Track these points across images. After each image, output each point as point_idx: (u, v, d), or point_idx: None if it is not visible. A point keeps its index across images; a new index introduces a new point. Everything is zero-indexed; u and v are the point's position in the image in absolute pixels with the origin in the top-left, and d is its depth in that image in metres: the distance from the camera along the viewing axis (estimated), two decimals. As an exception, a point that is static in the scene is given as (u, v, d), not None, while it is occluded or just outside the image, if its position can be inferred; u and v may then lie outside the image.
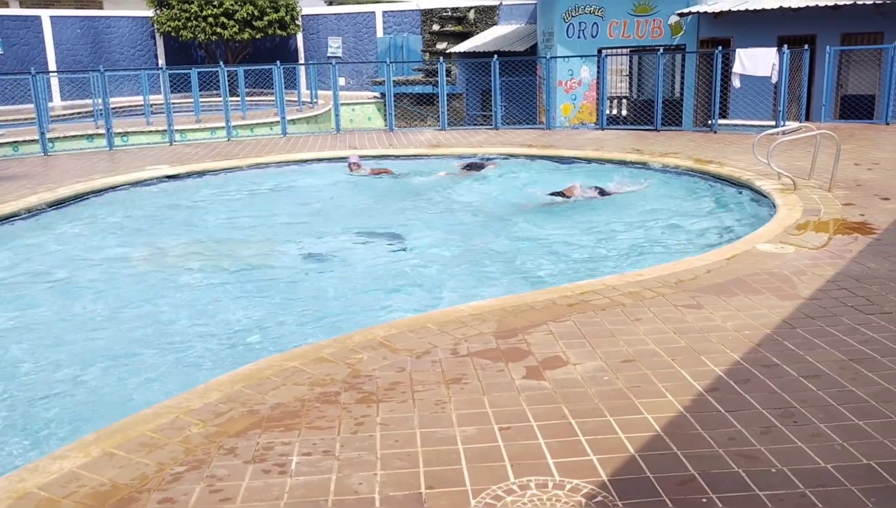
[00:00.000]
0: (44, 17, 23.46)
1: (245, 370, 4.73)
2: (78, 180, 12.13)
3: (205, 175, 13.26)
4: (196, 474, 3.52)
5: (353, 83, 25.11)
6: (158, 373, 5.64)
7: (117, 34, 24.89)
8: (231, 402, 4.25)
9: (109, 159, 14.59)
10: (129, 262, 8.63)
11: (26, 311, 7.04)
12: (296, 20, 24.89)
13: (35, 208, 10.49)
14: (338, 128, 18.24)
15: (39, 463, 3.66)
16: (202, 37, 23.57)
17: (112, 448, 3.76)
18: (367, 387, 4.40)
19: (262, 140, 16.89)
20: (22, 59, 22.70)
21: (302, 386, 4.43)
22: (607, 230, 9.61)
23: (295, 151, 15.14)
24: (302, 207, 11.30)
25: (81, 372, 5.65)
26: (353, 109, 22.71)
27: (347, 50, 25.71)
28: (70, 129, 16.96)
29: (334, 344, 5.07)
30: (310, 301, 7.22)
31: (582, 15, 18.28)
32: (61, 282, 7.90)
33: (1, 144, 15.37)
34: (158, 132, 16.81)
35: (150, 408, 4.21)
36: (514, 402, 4.14)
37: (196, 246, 9.24)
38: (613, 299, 5.77)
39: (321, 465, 3.56)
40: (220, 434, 3.89)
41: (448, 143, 15.86)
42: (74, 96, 23.09)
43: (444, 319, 5.47)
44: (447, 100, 18.21)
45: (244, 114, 18.43)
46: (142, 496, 3.35)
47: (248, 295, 7.37)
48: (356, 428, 3.91)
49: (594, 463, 3.49)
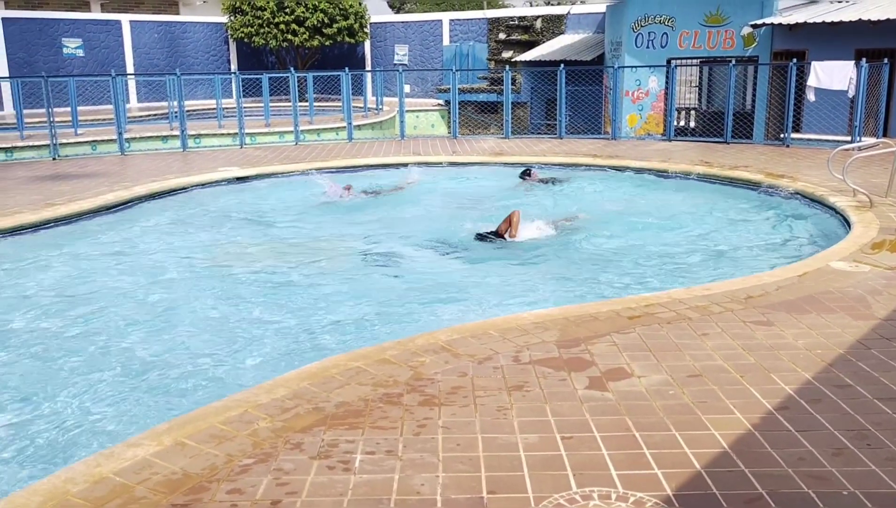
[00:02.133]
0: (124, 22, 24.35)
1: (310, 368, 4.82)
2: (153, 180, 12.54)
3: (273, 177, 13.54)
4: (263, 467, 3.61)
5: (418, 90, 25.33)
6: (226, 367, 5.78)
7: (192, 39, 25.65)
8: (297, 399, 4.34)
9: (183, 160, 15.04)
10: (199, 258, 8.87)
11: (102, 304, 7.31)
12: (364, 28, 25.26)
13: (113, 205, 10.88)
14: (402, 134, 18.41)
15: (115, 450, 3.80)
16: (273, 43, 24.12)
17: (183, 438, 3.88)
18: (430, 390, 4.43)
19: (329, 145, 17.18)
20: (102, 61, 23.60)
21: (365, 386, 4.50)
22: (673, 243, 9.47)
23: (360, 156, 15.35)
24: (366, 210, 11.43)
25: (151, 364, 5.84)
26: (418, 115, 22.89)
27: (413, 57, 25.95)
28: (146, 130, 17.54)
29: (397, 346, 5.13)
30: (373, 303, 7.30)
31: (651, 25, 18.07)
32: (135, 276, 8.18)
33: (80, 143, 15.98)
34: (229, 135, 17.25)
35: (220, 401, 4.33)
36: (576, 412, 4.12)
37: (262, 246, 9.45)
38: (679, 313, 5.69)
39: (384, 464, 3.61)
40: (286, 430, 3.98)
41: (511, 151, 15.85)
42: (150, 99, 23.88)
43: (506, 326, 5.47)
44: (511, 108, 18.21)
45: (311, 119, 18.77)
46: (211, 485, 3.45)
47: (313, 295, 7.49)
48: (418, 430, 3.95)
49: (659, 477, 3.45)
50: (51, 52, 22.71)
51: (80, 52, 23.34)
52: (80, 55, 23.31)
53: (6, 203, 10.57)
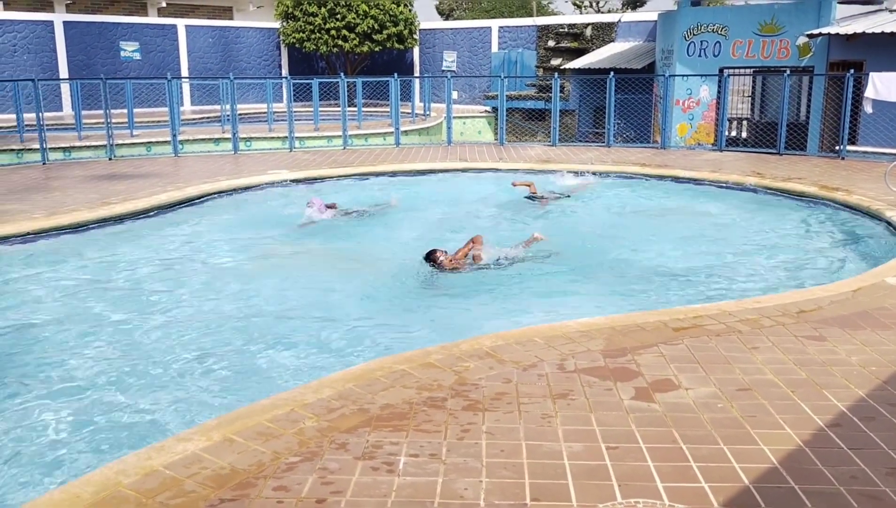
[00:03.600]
0: (179, 26, 24.93)
1: (356, 369, 4.87)
2: (205, 181, 12.79)
3: (321, 181, 13.71)
4: (309, 465, 3.65)
5: (465, 97, 25.38)
6: (272, 366, 5.86)
7: (245, 44, 26.13)
8: (342, 399, 4.38)
9: (234, 163, 15.32)
10: (248, 259, 9.01)
11: (153, 301, 7.48)
12: (413, 34, 25.44)
13: (166, 205, 11.14)
14: (449, 140, 18.48)
15: (165, 444, 3.89)
16: (324, 48, 24.43)
17: (232, 435, 3.95)
18: (474, 395, 4.44)
19: (376, 150, 17.32)
20: (158, 65, 24.18)
21: (410, 389, 4.52)
22: (722, 255, 9.32)
23: (407, 161, 15.44)
24: (412, 214, 11.49)
25: (200, 361, 5.95)
26: (465, 122, 22.95)
27: (462, 64, 26.03)
28: (198, 132, 17.90)
29: (441, 351, 5.15)
30: (415, 306, 7.34)
31: (704, 33, 17.84)
32: (186, 275, 8.35)
33: (135, 144, 16.39)
34: (279, 138, 17.51)
35: (268, 399, 4.39)
36: (622, 422, 4.08)
37: (309, 248, 9.56)
38: (729, 326, 5.59)
39: (428, 467, 3.62)
40: (331, 429, 4.02)
41: (558, 158, 15.78)
42: (204, 102, 24.39)
43: (551, 333, 5.45)
44: (559, 116, 18.14)
45: (360, 123, 18.95)
46: (258, 482, 3.51)
47: (356, 297, 7.55)
48: (462, 434, 3.95)
49: (706, 491, 3.40)
50: (109, 56, 23.35)
51: (137, 56, 23.95)
52: (137, 58, 23.92)
53: (65, 201, 10.89)
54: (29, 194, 11.52)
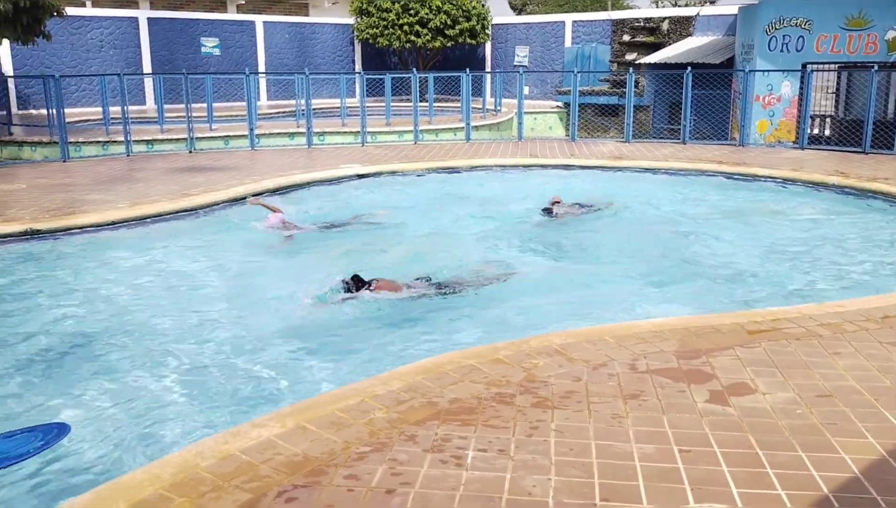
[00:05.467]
0: (258, 23, 25.48)
1: (425, 363, 4.91)
2: (280, 174, 13.06)
3: (392, 175, 13.84)
4: (379, 455, 3.70)
5: (537, 92, 25.18)
6: (343, 357, 5.95)
7: (320, 40, 26.54)
8: (412, 392, 4.42)
9: (308, 156, 15.60)
10: (320, 251, 9.15)
11: (232, 290, 7.68)
12: (486, 29, 25.38)
13: (243, 197, 11.42)
14: (520, 136, 18.38)
15: (241, 429, 4.00)
16: (397, 44, 24.62)
17: (305, 422, 4.04)
18: (543, 392, 4.42)
19: (447, 145, 17.37)
20: (236, 60, 24.78)
21: (479, 384, 4.53)
22: (801, 256, 9.01)
23: (478, 156, 15.44)
24: (483, 209, 11.47)
25: (274, 348, 6.09)
26: (536, 117, 22.79)
27: (534, 59, 25.84)
28: (274, 126, 18.29)
29: (510, 347, 5.14)
30: (484, 303, 7.33)
31: (787, 28, 17.24)
32: (266, 266, 8.54)
33: (214, 138, 16.86)
34: (352, 133, 17.74)
35: (339, 389, 4.48)
36: (695, 425, 3.99)
37: (381, 242, 9.66)
38: (809, 330, 5.41)
39: (496, 463, 3.62)
40: (401, 421, 4.06)
41: (631, 155, 15.52)
42: (279, 97, 24.88)
43: (623, 333, 5.37)
44: (633, 111, 17.82)
45: (431, 119, 19.03)
46: (329, 469, 3.58)
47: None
48: (531, 432, 3.94)
49: (783, 499, 3.30)
50: (190, 51, 24.05)
51: (217, 51, 24.60)
52: (217, 54, 24.56)
53: (148, 192, 11.29)
54: (114, 184, 11.99)
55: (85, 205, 10.26)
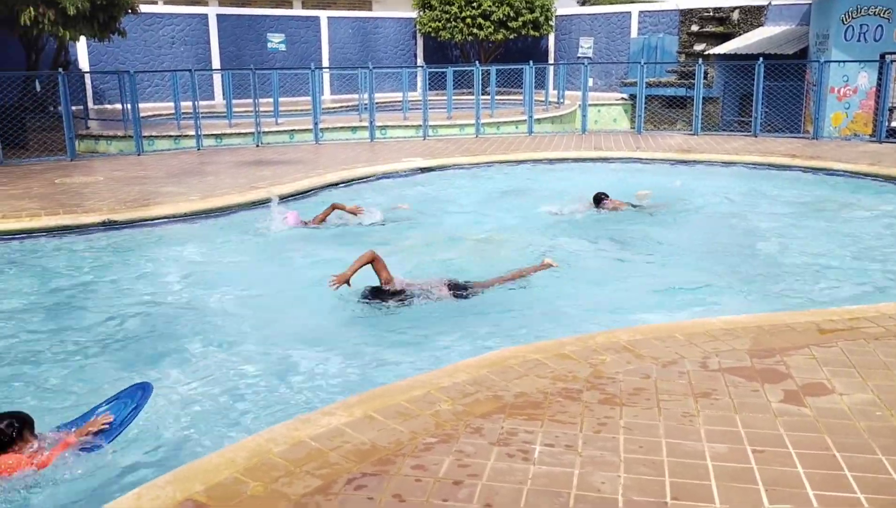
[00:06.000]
0: (322, 18, 25.80)
1: (490, 356, 4.91)
2: (343, 168, 13.22)
3: (453, 168, 13.86)
4: (445, 447, 3.72)
5: (601, 84, 24.85)
6: (409, 351, 5.99)
7: (383, 34, 26.72)
8: (477, 385, 4.43)
9: (370, 150, 15.74)
10: (385, 242, 9.21)
11: (299, 280, 7.81)
12: (550, 21, 25.14)
13: (308, 190, 11.63)
14: (584, 128, 18.18)
15: (311, 416, 4.07)
16: (459, 37, 24.60)
17: (372, 412, 4.09)
18: (610, 389, 4.37)
19: (508, 138, 17.29)
20: (301, 56, 25.15)
21: (544, 379, 4.51)
22: (877, 252, 8.68)
23: (540, 149, 15.33)
24: (542, 202, 11.37)
25: (340, 338, 6.17)
26: (599, 109, 22.48)
27: (598, 50, 25.50)
28: (337, 120, 18.50)
29: (577, 342, 5.10)
30: (548, 297, 7.28)
31: (864, 17, 16.59)
32: (331, 257, 8.64)
33: (279, 132, 17.16)
34: (413, 127, 17.82)
35: (405, 380, 4.51)
36: (769, 425, 3.90)
37: (442, 236, 9.68)
38: (888, 329, 5.21)
39: (563, 458, 3.60)
40: (466, 414, 4.07)
41: (700, 148, 15.19)
42: (342, 91, 25.16)
43: (693, 330, 5.27)
44: (701, 103, 17.43)
45: (492, 112, 18.96)
46: (397, 459, 3.61)
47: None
48: (599, 428, 3.90)
49: (862, 502, 3.20)
50: (257, 47, 24.51)
51: (283, 47, 25.01)
52: (283, 49, 24.98)
53: (217, 185, 11.58)
54: (186, 177, 12.32)
55: (159, 197, 10.58)
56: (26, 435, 4.20)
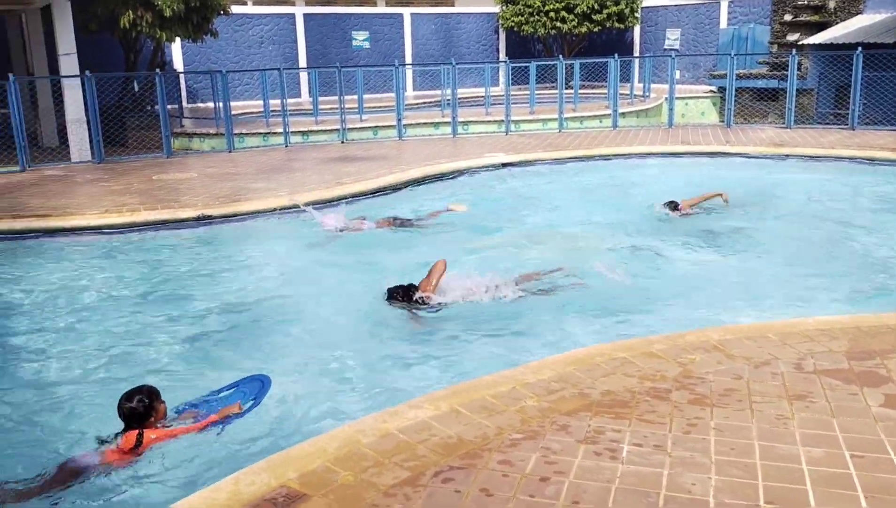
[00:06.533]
0: (405, 15, 26.06)
1: (575, 353, 4.89)
2: (426, 163, 13.34)
3: (536, 164, 13.79)
4: (532, 443, 3.73)
5: (688, 76, 24.20)
6: (490, 344, 6.02)
7: (465, 30, 26.78)
8: (562, 382, 4.42)
9: (453, 145, 15.82)
10: (470, 237, 9.26)
11: (384, 273, 7.94)
12: (635, 12, 24.66)
13: (392, 185, 11.78)
14: (670, 122, 17.77)
15: (398, 409, 4.15)
16: (542, 31, 24.41)
17: (458, 406, 4.13)
18: (700, 389, 4.28)
19: (592, 133, 17.07)
20: (385, 53, 25.47)
21: (632, 378, 4.46)
22: None
23: (625, 144, 15.08)
24: (631, 199, 11.21)
25: (428, 330, 6.25)
26: (686, 103, 21.90)
27: (686, 42, 24.84)
28: (419, 116, 18.65)
29: (665, 341, 5.01)
30: (632, 294, 7.18)
31: (975, -1, 15.61)
32: (419, 251, 8.75)
33: (363, 129, 17.44)
34: (495, 122, 17.80)
35: (490, 376, 4.54)
36: (869, 430, 3.75)
37: (528, 231, 9.67)
38: None
39: (652, 458, 3.56)
40: (552, 411, 4.07)
41: (793, 142, 14.63)
42: (424, 87, 25.34)
43: (787, 330, 5.10)
44: (795, 95, 16.77)
45: (575, 106, 18.74)
46: (484, 454, 3.65)
47: (570, 285, 7.52)
48: (688, 429, 3.84)
49: (974, 516, 3.04)
50: (342, 45, 24.96)
51: (367, 44, 25.39)
52: (367, 47, 25.36)
53: (304, 181, 11.87)
54: (274, 173, 12.68)
55: (250, 193, 10.93)
56: (157, 405, 4.47)
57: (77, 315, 6.93)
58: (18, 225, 9.41)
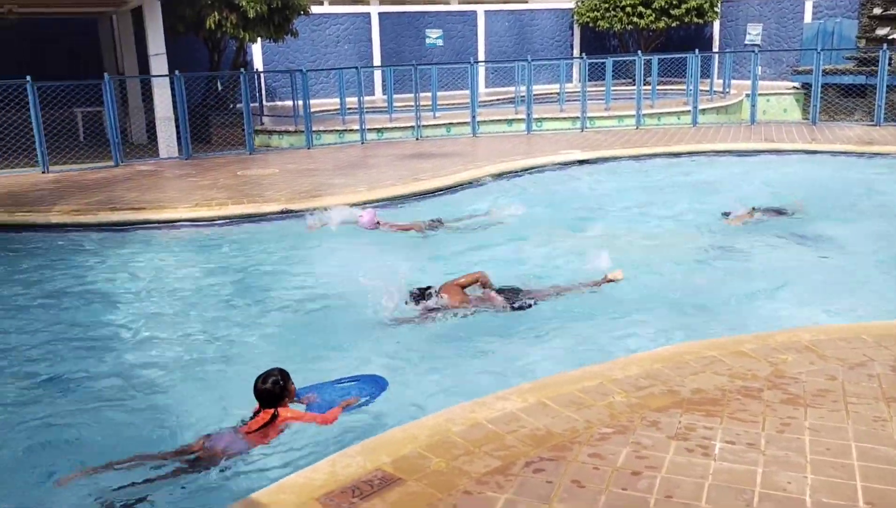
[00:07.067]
0: (479, 12, 26.11)
1: (663, 351, 4.87)
2: (501, 160, 13.37)
3: (613, 161, 13.66)
4: (621, 438, 3.75)
5: (770, 72, 23.52)
6: (577, 338, 6.03)
7: (539, 26, 26.67)
8: (650, 379, 4.41)
9: (527, 142, 15.80)
10: (544, 233, 9.25)
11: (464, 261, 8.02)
12: (714, 7, 24.11)
13: (468, 182, 11.87)
14: (752, 119, 17.33)
15: (486, 400, 4.22)
16: (618, 26, 24.11)
17: (545, 399, 4.18)
18: (793, 389, 4.22)
19: (671, 129, 16.80)
20: (458, 50, 25.59)
21: (722, 376, 4.42)
22: None
23: (706, 141, 14.78)
24: (713, 197, 10.99)
25: (517, 325, 6.30)
26: (768, 99, 21.32)
27: (768, 37, 24.16)
28: (492, 113, 18.67)
29: (755, 340, 4.95)
30: (714, 294, 7.08)
31: None
32: (501, 247, 8.81)
33: (437, 126, 17.57)
34: (570, 119, 17.69)
35: (577, 370, 4.57)
36: (975, 436, 3.63)
37: (606, 230, 9.59)
38: None
39: (745, 456, 3.53)
40: (641, 407, 4.07)
41: (884, 140, 14.08)
42: (497, 84, 25.35)
43: (883, 332, 4.97)
44: (885, 92, 16.12)
45: (653, 102, 18.47)
46: (573, 446, 3.68)
47: (655, 282, 7.46)
48: (782, 428, 3.79)
49: None
50: (416, 43, 25.19)
51: (440, 42, 25.56)
52: (440, 45, 25.52)
53: (380, 178, 12.06)
54: (352, 170, 12.93)
55: (330, 188, 11.18)
56: (290, 387, 4.68)
57: (177, 303, 7.25)
58: (115, 217, 9.89)
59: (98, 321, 6.82)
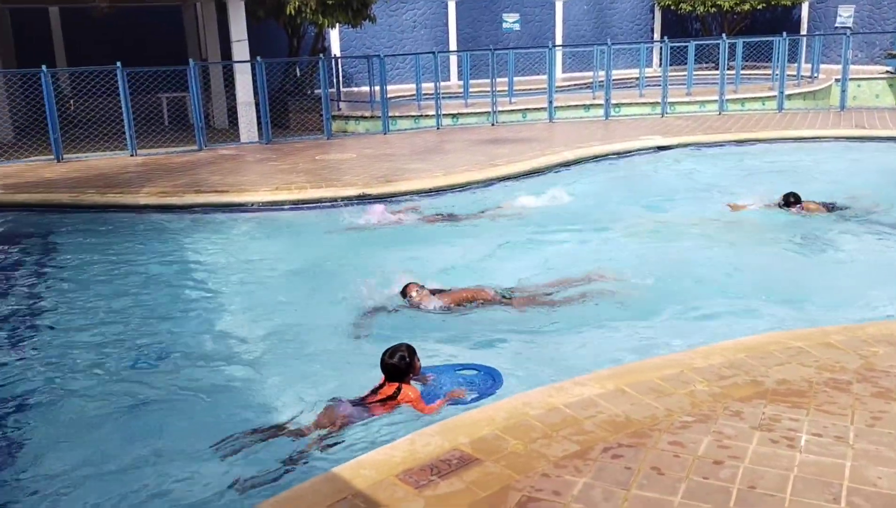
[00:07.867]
0: (558, -4, 25.83)
1: (747, 341, 4.76)
2: (579, 146, 13.21)
3: (693, 147, 13.33)
4: (703, 427, 3.69)
5: (861, 56, 22.46)
6: (652, 327, 5.95)
7: (619, 10, 26.15)
8: (734, 368, 4.32)
9: (604, 128, 15.56)
10: (619, 222, 9.12)
11: (551, 253, 8.00)
12: (803, -12, 23.21)
13: (545, 167, 11.79)
14: (842, 105, 16.62)
15: (564, 385, 4.21)
16: (701, 9, 23.43)
17: (624, 386, 4.14)
18: (884, 383, 4.07)
19: (755, 115, 16.26)
20: (535, 34, 25.32)
21: (808, 368, 4.29)
22: None
23: (792, 127, 14.27)
24: (798, 186, 10.59)
25: (591, 312, 6.26)
26: (859, 84, 20.37)
27: (860, 19, 23.07)
28: (569, 99, 18.44)
29: (844, 332, 4.79)
30: (798, 283, 6.86)
31: None
32: (579, 234, 8.75)
33: (513, 111, 17.46)
34: (649, 104, 17.32)
35: (658, 358, 4.52)
36: None
37: (687, 215, 9.39)
38: None
39: (833, 449, 3.43)
40: (724, 396, 4.00)
41: None
42: (573, 69, 25.01)
43: (984, 327, 4.72)
44: None
45: (736, 87, 17.89)
46: (653, 433, 3.64)
47: (730, 271, 7.27)
48: (872, 422, 3.67)
49: None
50: (492, 28, 25.05)
51: (517, 27, 25.35)
52: (517, 29, 25.32)
53: (456, 162, 12.09)
54: (429, 155, 13.00)
55: (407, 173, 11.28)
56: (415, 362, 4.75)
57: (260, 285, 7.46)
58: (200, 199, 10.23)
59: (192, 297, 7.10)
